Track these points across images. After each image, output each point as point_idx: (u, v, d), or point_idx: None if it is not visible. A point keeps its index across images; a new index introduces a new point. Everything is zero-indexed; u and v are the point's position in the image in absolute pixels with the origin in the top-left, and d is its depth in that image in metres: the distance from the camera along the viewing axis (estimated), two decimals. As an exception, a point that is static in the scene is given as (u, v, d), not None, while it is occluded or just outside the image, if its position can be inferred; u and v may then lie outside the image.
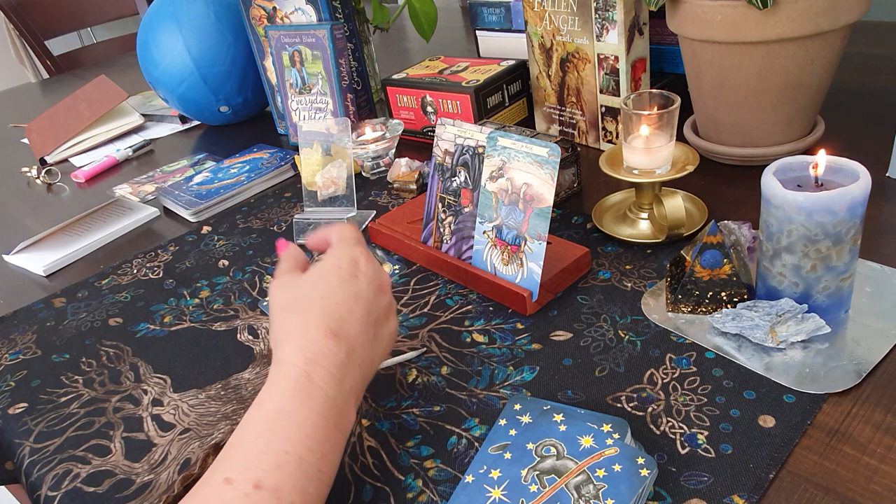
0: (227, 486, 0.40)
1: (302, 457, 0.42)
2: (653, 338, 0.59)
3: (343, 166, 0.86)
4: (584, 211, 0.80)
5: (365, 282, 0.50)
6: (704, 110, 0.82)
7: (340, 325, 0.47)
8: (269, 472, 0.41)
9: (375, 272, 0.52)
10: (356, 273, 0.51)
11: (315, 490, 0.42)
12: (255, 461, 0.41)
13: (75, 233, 0.98)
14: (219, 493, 0.40)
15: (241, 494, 0.40)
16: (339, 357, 0.46)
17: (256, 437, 0.43)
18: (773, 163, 0.55)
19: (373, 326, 0.50)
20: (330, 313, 0.48)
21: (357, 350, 0.48)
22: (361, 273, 0.51)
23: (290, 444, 0.42)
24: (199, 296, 0.79)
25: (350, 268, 0.51)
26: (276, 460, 0.42)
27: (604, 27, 0.84)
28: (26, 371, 0.71)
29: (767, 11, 0.68)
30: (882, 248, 0.64)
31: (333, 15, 1.04)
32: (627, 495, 0.44)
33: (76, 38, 3.42)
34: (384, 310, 0.52)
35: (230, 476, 0.41)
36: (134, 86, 1.62)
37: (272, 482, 0.41)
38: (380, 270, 0.53)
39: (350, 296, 0.49)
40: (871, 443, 0.47)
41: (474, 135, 0.69)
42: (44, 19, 2.30)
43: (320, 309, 0.48)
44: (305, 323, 0.47)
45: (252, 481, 0.40)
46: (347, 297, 0.49)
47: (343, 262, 0.51)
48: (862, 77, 1.00)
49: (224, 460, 0.42)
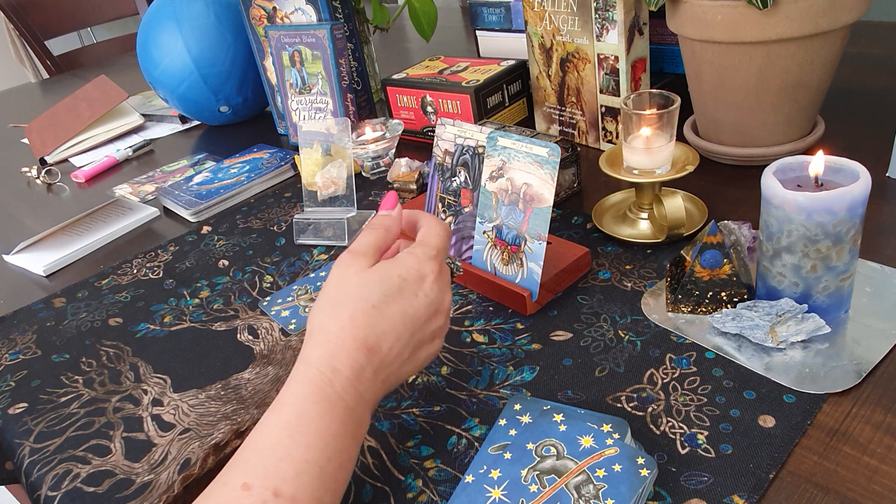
0: (245, 492, 0.40)
1: (322, 466, 0.42)
2: (653, 338, 0.59)
3: (343, 166, 0.86)
4: (584, 211, 0.80)
5: (424, 303, 0.48)
6: (704, 110, 0.82)
7: (378, 341, 0.46)
8: (288, 481, 0.40)
9: (438, 294, 0.49)
10: (417, 291, 0.48)
11: (330, 499, 0.42)
12: (274, 468, 0.41)
13: (75, 233, 0.98)
14: (236, 499, 0.40)
15: (258, 501, 0.39)
16: (365, 371, 0.45)
17: (275, 443, 0.42)
18: (773, 163, 0.55)
19: (413, 348, 0.48)
20: (373, 326, 0.46)
21: (386, 367, 0.47)
22: (423, 293, 0.49)
23: (311, 452, 0.42)
24: (199, 296, 0.79)
25: (414, 284, 0.48)
26: (295, 469, 0.41)
27: (604, 27, 0.84)
28: (26, 371, 0.71)
29: (767, 11, 0.68)
30: (882, 248, 0.64)
31: (333, 15, 1.04)
32: (627, 495, 0.44)
33: (76, 38, 3.42)
34: (431, 333, 0.50)
35: (248, 482, 0.40)
36: (134, 86, 1.62)
37: (290, 491, 0.40)
38: (444, 293, 0.50)
39: (400, 312, 0.47)
40: (871, 443, 0.47)
41: (474, 135, 0.69)
42: (44, 19, 2.30)
43: (364, 318, 0.46)
44: (344, 329, 0.46)
45: (271, 489, 0.40)
46: (396, 313, 0.47)
47: (411, 274, 0.49)
48: (862, 77, 1.00)
49: (242, 464, 0.42)
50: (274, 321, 0.72)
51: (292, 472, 0.41)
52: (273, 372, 0.64)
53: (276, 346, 0.68)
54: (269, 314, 0.73)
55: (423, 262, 0.49)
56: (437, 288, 0.49)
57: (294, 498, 0.40)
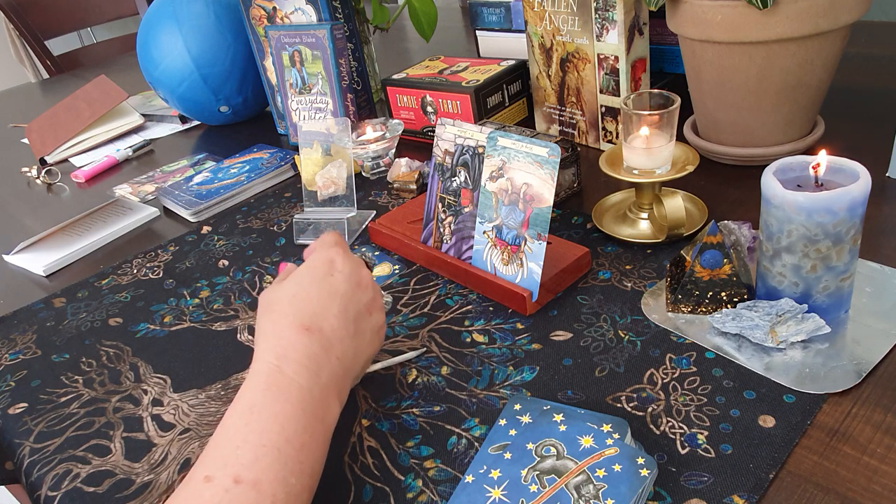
0: (207, 483, 0.41)
1: (279, 448, 0.43)
2: (653, 338, 0.59)
3: (343, 166, 0.86)
4: (584, 211, 0.80)
5: (341, 279, 0.52)
6: (704, 110, 0.82)
7: (313, 320, 0.49)
8: (247, 466, 0.41)
9: (353, 269, 0.53)
10: (331, 271, 0.52)
11: (298, 481, 0.42)
12: (233, 456, 0.42)
13: (75, 233, 0.98)
14: (199, 492, 0.41)
15: (220, 490, 0.40)
16: (312, 349, 0.47)
17: (233, 433, 0.43)
18: (773, 163, 0.55)
19: (353, 322, 0.51)
20: (301, 310, 0.49)
21: (335, 344, 0.49)
22: (337, 271, 0.52)
23: (266, 436, 0.43)
24: (199, 296, 0.79)
25: (324, 267, 0.52)
26: (253, 454, 0.42)
27: (604, 27, 0.84)
28: (26, 371, 0.71)
29: (767, 11, 0.68)
30: (882, 248, 0.64)
31: (333, 15, 1.04)
32: (627, 495, 0.44)
33: (76, 38, 3.42)
34: (365, 305, 0.52)
35: (209, 473, 0.41)
36: (134, 86, 1.62)
37: (251, 476, 0.41)
38: (357, 267, 0.53)
39: (324, 292, 0.50)
40: (871, 443, 0.47)
41: (474, 135, 0.69)
42: (44, 19, 2.30)
43: (290, 307, 0.49)
44: (276, 321, 0.49)
45: (231, 476, 0.41)
46: (321, 293, 0.50)
47: (317, 262, 0.52)
48: (862, 77, 1.00)
49: (204, 458, 0.43)
50: (274, 321, 0.72)
51: (250, 457, 0.42)
52: (273, 372, 0.64)
53: (276, 346, 0.68)
54: (269, 314, 0.73)
55: (326, 250, 0.53)
56: (349, 264, 0.53)
57: (256, 482, 0.41)
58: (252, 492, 0.40)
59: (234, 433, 0.43)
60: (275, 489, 0.41)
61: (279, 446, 0.43)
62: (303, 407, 0.45)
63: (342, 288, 0.51)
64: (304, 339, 0.47)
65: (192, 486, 0.41)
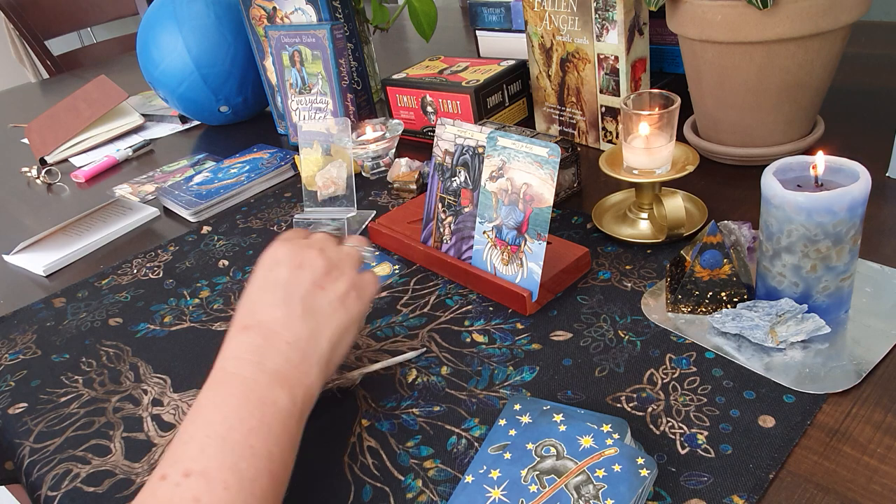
0: (162, 481, 0.42)
1: (224, 436, 0.44)
2: (653, 338, 0.59)
3: (343, 166, 0.86)
4: (584, 211, 0.80)
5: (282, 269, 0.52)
6: (704, 110, 0.82)
7: (251, 316, 0.50)
8: (194, 459, 0.43)
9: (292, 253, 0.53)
10: (272, 266, 0.53)
11: (250, 465, 0.43)
12: (181, 452, 0.44)
13: (75, 233, 0.98)
14: (154, 490, 0.42)
15: (171, 486, 0.42)
16: (253, 343, 0.48)
17: (182, 432, 0.45)
18: (773, 163, 0.55)
19: (299, 303, 0.51)
20: (242, 310, 0.51)
21: (279, 331, 0.49)
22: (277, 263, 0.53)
23: (210, 427, 0.44)
24: (199, 296, 0.79)
25: (268, 261, 0.53)
26: (198, 445, 0.43)
27: (604, 27, 0.84)
28: (26, 371, 0.71)
29: (767, 11, 0.68)
30: (882, 248, 0.64)
31: (333, 15, 1.04)
32: (627, 495, 0.44)
33: (76, 38, 3.42)
34: (311, 283, 0.52)
35: (164, 472, 0.43)
36: (134, 86, 1.62)
37: (199, 467, 0.42)
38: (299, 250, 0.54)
39: (263, 288, 0.52)
40: (871, 443, 0.47)
41: (474, 135, 0.69)
42: (44, 19, 2.31)
43: (236, 313, 0.51)
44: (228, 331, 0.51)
45: (181, 471, 0.42)
46: (260, 290, 0.52)
47: (260, 262, 0.54)
48: (862, 77, 1.00)
49: (160, 462, 0.44)
50: (274, 321, 0.72)
51: (196, 450, 0.43)
52: (273, 372, 0.64)
53: (276, 346, 0.68)
54: (269, 314, 0.73)
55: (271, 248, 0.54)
56: (287, 249, 0.53)
57: (204, 472, 0.42)
58: (201, 481, 0.42)
59: (182, 432, 0.45)
60: (224, 475, 0.42)
61: (223, 434, 0.44)
62: (246, 395, 0.46)
63: (282, 276, 0.52)
64: (242, 336, 0.49)
65: (149, 486, 0.43)
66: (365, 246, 0.60)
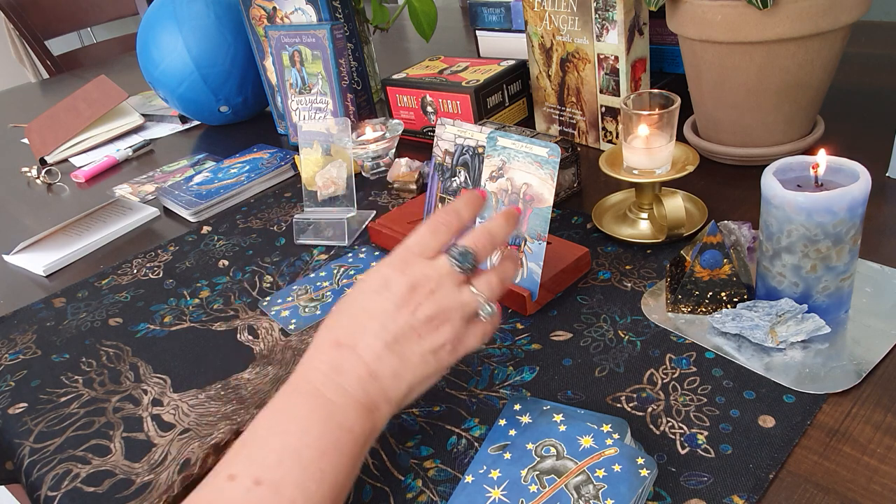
0: (230, 482, 0.41)
1: (299, 451, 0.43)
2: (653, 338, 0.59)
3: (343, 166, 0.86)
4: (584, 211, 0.80)
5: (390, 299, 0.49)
6: (704, 110, 0.82)
7: (348, 336, 0.48)
8: (269, 468, 0.42)
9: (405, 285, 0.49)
10: (382, 288, 0.50)
11: (317, 488, 0.42)
12: (256, 457, 0.42)
13: (75, 233, 0.98)
14: (221, 489, 0.41)
15: (242, 490, 0.41)
16: (341, 364, 0.47)
17: (256, 435, 0.44)
18: (773, 163, 0.55)
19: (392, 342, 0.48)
20: (340, 326, 0.49)
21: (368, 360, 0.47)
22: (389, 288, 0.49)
23: (287, 438, 0.43)
24: (199, 296, 0.79)
25: (379, 280, 0.50)
26: (275, 456, 0.42)
27: (604, 27, 0.84)
28: (26, 371, 0.71)
29: (767, 11, 0.68)
30: (882, 248, 0.64)
31: (333, 15, 1.04)
32: (627, 495, 0.44)
33: (76, 38, 3.42)
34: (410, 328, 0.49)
35: (233, 472, 0.42)
36: (134, 86, 1.62)
37: (272, 478, 0.41)
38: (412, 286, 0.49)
39: (364, 311, 0.49)
40: (871, 443, 0.47)
41: (474, 135, 0.69)
42: (44, 19, 2.30)
43: (333, 321, 0.50)
44: (319, 334, 0.49)
45: (253, 477, 0.41)
46: (361, 311, 0.49)
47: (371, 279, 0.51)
48: (862, 77, 1.00)
49: (231, 457, 0.43)
50: (274, 321, 0.72)
51: (274, 460, 0.42)
52: (273, 372, 0.64)
53: (275, 347, 0.68)
54: (269, 314, 0.73)
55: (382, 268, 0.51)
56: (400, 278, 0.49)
57: (277, 484, 0.41)
58: (271, 494, 0.41)
59: (257, 435, 0.44)
60: (293, 494, 0.41)
61: (299, 450, 0.43)
62: (324, 415, 0.45)
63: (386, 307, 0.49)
64: (334, 352, 0.47)
65: (215, 483, 0.42)
66: (499, 284, 0.52)
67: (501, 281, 0.52)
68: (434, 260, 0.50)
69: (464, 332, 0.50)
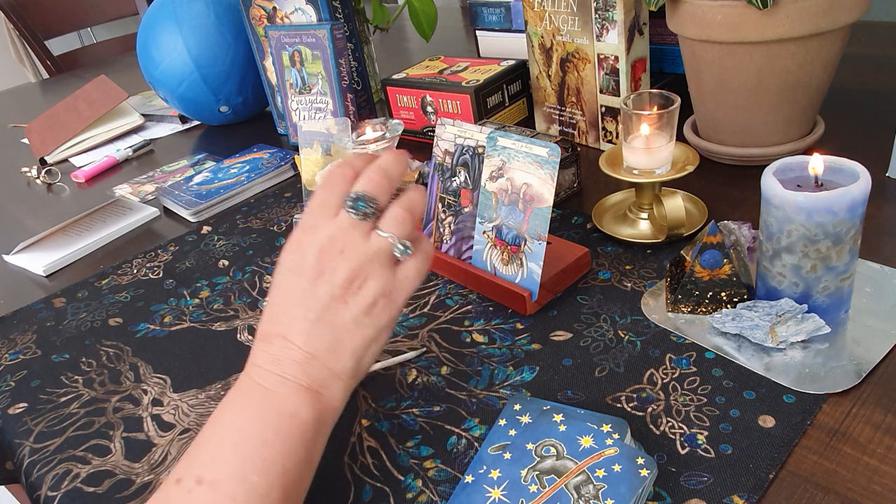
0: (176, 485, 0.42)
1: (237, 445, 0.43)
2: (653, 338, 0.59)
3: (343, 166, 0.86)
4: (584, 211, 0.80)
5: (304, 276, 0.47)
6: (704, 110, 0.82)
7: (273, 324, 0.48)
8: (207, 466, 0.43)
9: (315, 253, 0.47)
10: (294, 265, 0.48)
11: (260, 479, 0.42)
12: (196, 457, 0.44)
13: (75, 233, 0.98)
14: (168, 493, 0.43)
15: (184, 492, 0.42)
16: (274, 353, 0.47)
17: (200, 438, 0.45)
18: (773, 163, 0.55)
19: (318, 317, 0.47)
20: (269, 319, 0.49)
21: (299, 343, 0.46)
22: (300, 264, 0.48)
23: (224, 434, 0.44)
24: (199, 296, 0.79)
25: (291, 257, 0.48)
26: (211, 453, 0.43)
27: (604, 27, 0.84)
28: (26, 371, 0.71)
29: (767, 11, 0.68)
30: (882, 248, 0.64)
31: (333, 15, 1.04)
32: (627, 495, 0.44)
33: (76, 38, 3.42)
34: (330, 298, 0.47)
35: (179, 476, 0.43)
36: (134, 86, 1.62)
37: (210, 475, 0.42)
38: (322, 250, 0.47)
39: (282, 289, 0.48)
40: (871, 443, 0.47)
41: (474, 135, 0.69)
42: (44, 19, 2.30)
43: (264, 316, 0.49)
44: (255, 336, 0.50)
45: (194, 477, 0.42)
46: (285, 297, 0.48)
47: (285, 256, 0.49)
48: (862, 77, 1.00)
49: (179, 463, 0.44)
50: (274, 321, 0.72)
51: (209, 457, 0.43)
52: (273, 372, 0.64)
53: (275, 346, 0.68)
54: (269, 314, 0.73)
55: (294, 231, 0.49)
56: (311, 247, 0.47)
57: (213, 481, 0.42)
58: (210, 491, 0.41)
59: (200, 436, 0.45)
60: (233, 486, 0.42)
61: (235, 443, 0.43)
62: (263, 405, 0.45)
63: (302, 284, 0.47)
64: (268, 346, 0.48)
65: (164, 488, 0.43)
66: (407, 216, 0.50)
67: (408, 211, 0.50)
68: (337, 217, 0.48)
69: (392, 280, 0.48)
